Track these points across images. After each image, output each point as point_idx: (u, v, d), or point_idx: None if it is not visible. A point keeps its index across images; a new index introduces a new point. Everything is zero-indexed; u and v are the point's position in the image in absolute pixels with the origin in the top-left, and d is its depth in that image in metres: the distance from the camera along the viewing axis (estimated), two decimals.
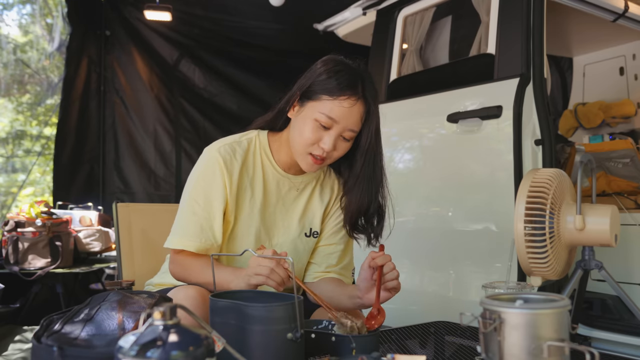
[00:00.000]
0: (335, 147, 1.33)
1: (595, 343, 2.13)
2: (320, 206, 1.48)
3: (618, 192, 2.53)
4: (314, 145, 1.32)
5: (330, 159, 1.35)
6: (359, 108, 1.32)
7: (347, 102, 1.29)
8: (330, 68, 1.33)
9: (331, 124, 1.30)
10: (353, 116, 1.31)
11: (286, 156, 1.42)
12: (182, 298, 1.21)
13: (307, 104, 1.34)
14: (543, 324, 0.79)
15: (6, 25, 4.66)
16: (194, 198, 1.35)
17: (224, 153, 1.36)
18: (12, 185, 4.75)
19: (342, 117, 1.29)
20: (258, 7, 4.29)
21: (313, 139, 1.31)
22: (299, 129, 1.33)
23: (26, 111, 5.02)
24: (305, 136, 1.31)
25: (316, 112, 1.30)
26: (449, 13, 2.76)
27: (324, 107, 1.30)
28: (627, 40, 3.37)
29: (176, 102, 4.77)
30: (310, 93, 1.33)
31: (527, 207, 1.60)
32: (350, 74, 1.32)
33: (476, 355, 1.11)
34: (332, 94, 1.30)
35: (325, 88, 1.31)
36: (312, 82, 1.33)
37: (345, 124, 1.30)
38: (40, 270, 3.06)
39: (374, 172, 1.40)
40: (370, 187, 1.40)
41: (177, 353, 0.64)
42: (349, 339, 1.07)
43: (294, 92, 1.37)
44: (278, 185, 1.43)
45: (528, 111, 2.10)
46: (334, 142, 1.31)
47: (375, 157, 1.39)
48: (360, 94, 1.31)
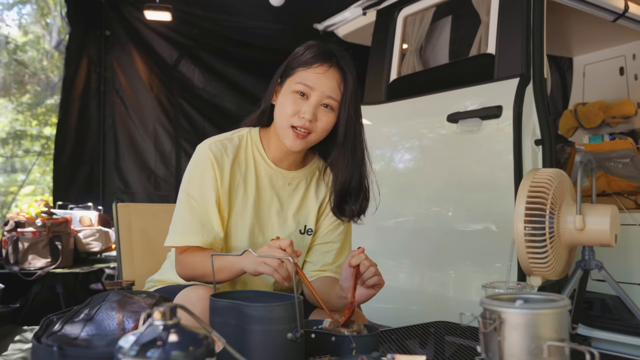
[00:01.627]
0: (317, 117, 1.34)
1: (595, 343, 2.14)
2: (315, 203, 1.48)
3: (618, 192, 2.53)
4: (295, 117, 1.34)
5: (315, 132, 1.36)
6: (334, 74, 1.35)
7: (320, 69, 1.34)
8: (305, 46, 1.40)
9: (308, 90, 1.34)
10: (329, 81, 1.34)
11: (276, 148, 1.43)
12: (194, 299, 1.20)
13: (285, 82, 1.39)
14: (543, 324, 0.79)
15: (6, 25, 4.66)
16: (189, 194, 1.36)
17: (214, 149, 1.37)
18: (12, 185, 4.75)
19: (317, 82, 1.33)
20: (258, 7, 4.29)
21: (293, 110, 1.34)
22: (280, 105, 1.37)
23: (26, 111, 5.02)
24: (286, 109, 1.34)
25: (293, 84, 1.35)
26: (449, 13, 2.76)
27: (299, 77, 1.35)
28: (627, 40, 3.37)
29: (176, 102, 4.77)
30: (288, 70, 1.39)
31: (527, 207, 1.60)
32: (323, 48, 1.38)
33: (476, 355, 1.11)
34: (306, 65, 1.35)
35: (300, 61, 1.37)
36: (288, 62, 1.40)
37: (322, 90, 1.33)
38: (40, 270, 3.06)
39: (354, 141, 1.40)
40: (354, 158, 1.41)
41: (177, 353, 0.64)
42: (349, 339, 1.07)
43: (275, 79, 1.42)
44: (271, 180, 1.44)
45: (528, 111, 2.10)
46: (314, 110, 1.33)
47: (355, 126, 1.40)
48: (333, 61, 1.36)
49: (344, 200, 1.45)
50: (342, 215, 1.47)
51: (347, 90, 1.36)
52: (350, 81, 1.37)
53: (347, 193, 1.44)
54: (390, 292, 2.55)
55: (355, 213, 1.45)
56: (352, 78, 1.37)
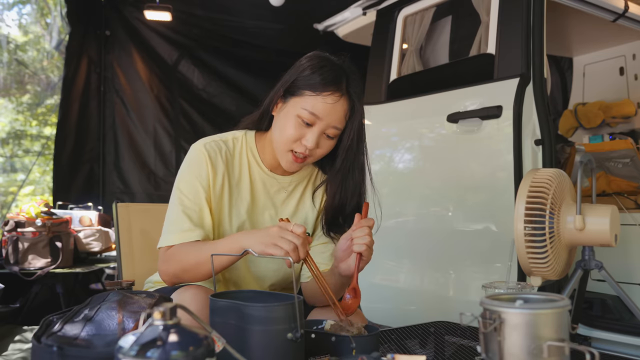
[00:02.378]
0: (318, 145, 1.30)
1: (595, 343, 2.13)
2: (311, 206, 1.46)
3: (618, 192, 2.53)
4: (296, 143, 1.29)
5: (312, 157, 1.33)
6: (343, 105, 1.29)
7: (331, 98, 1.27)
8: (315, 64, 1.30)
9: (314, 120, 1.27)
10: (336, 113, 1.28)
11: (271, 156, 1.40)
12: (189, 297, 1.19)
13: (289, 100, 1.31)
14: (543, 324, 0.79)
15: (6, 25, 4.66)
16: (182, 192, 1.34)
17: (209, 148, 1.35)
18: (12, 185, 4.75)
19: (325, 113, 1.27)
20: (258, 7, 4.29)
21: (295, 136, 1.28)
22: (281, 125, 1.31)
23: (26, 111, 5.02)
24: (288, 133, 1.29)
25: (299, 108, 1.28)
26: (449, 13, 2.76)
27: (307, 103, 1.27)
28: (627, 40, 3.37)
29: (175, 102, 4.77)
30: (294, 89, 1.30)
31: (527, 207, 1.60)
32: (334, 70, 1.29)
33: (476, 355, 1.11)
34: (315, 90, 1.27)
35: (309, 84, 1.28)
36: (296, 78, 1.31)
37: (328, 121, 1.28)
38: (40, 270, 3.06)
39: (352, 169, 1.37)
40: (347, 185, 1.37)
41: (177, 353, 0.64)
42: (349, 339, 1.07)
43: (278, 89, 1.35)
44: (265, 186, 1.41)
45: (528, 111, 2.10)
46: (317, 139, 1.28)
47: (356, 155, 1.36)
48: (344, 90, 1.29)
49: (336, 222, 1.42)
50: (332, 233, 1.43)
51: (353, 121, 1.32)
52: (358, 111, 1.32)
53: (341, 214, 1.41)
54: (390, 292, 2.55)
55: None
56: (360, 107, 1.32)
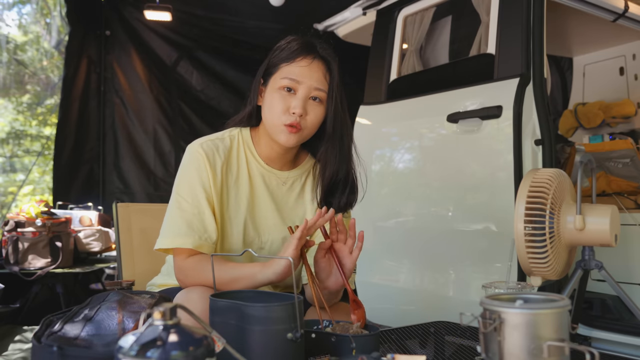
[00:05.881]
0: (307, 110, 1.33)
1: (595, 343, 2.13)
2: (311, 202, 1.46)
3: (618, 192, 2.53)
4: (286, 114, 1.32)
5: (306, 127, 1.34)
6: (319, 65, 1.34)
7: (304, 61, 1.32)
8: (284, 42, 1.37)
9: (295, 85, 1.32)
10: (314, 73, 1.32)
11: (267, 148, 1.41)
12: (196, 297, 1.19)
13: (269, 80, 1.36)
14: (543, 324, 0.79)
15: (6, 25, 4.66)
16: (180, 195, 1.34)
17: (206, 148, 1.36)
18: (11, 185, 4.75)
19: (303, 75, 1.31)
20: (258, 7, 4.29)
21: (283, 107, 1.32)
22: (268, 104, 1.35)
23: (26, 111, 5.02)
24: (275, 107, 1.32)
25: (278, 80, 1.33)
26: (449, 13, 2.76)
27: (284, 72, 1.33)
28: (627, 40, 3.37)
29: (174, 103, 4.77)
30: (270, 69, 1.37)
31: (527, 207, 1.60)
32: (303, 41, 1.36)
33: (476, 355, 1.11)
34: (288, 59, 1.33)
35: (281, 57, 1.35)
36: (270, 60, 1.38)
37: (309, 83, 1.32)
38: (40, 270, 3.06)
39: (342, 132, 1.39)
40: (342, 150, 1.39)
41: (177, 353, 0.64)
42: (349, 339, 1.07)
43: (257, 78, 1.40)
44: (264, 181, 1.42)
45: (528, 111, 2.10)
46: (303, 103, 1.32)
47: (343, 116, 1.38)
48: (316, 53, 1.34)
49: (331, 194, 1.43)
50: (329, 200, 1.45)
51: (333, 79, 1.35)
52: (335, 70, 1.36)
53: (334, 186, 1.42)
54: (390, 292, 2.55)
55: (342, 206, 1.43)
56: (336, 67, 1.36)
